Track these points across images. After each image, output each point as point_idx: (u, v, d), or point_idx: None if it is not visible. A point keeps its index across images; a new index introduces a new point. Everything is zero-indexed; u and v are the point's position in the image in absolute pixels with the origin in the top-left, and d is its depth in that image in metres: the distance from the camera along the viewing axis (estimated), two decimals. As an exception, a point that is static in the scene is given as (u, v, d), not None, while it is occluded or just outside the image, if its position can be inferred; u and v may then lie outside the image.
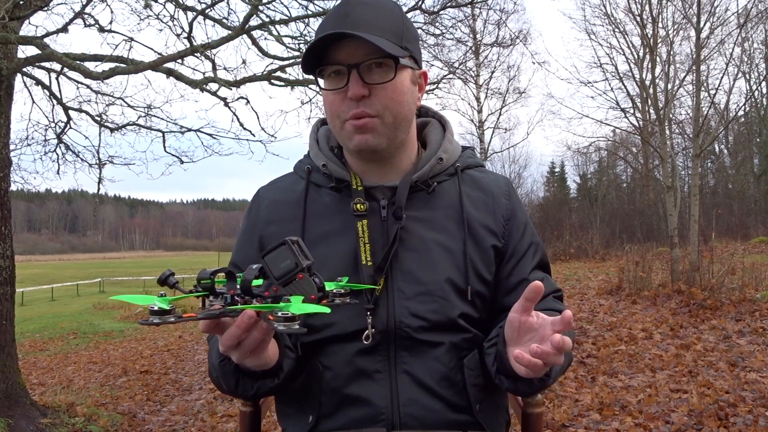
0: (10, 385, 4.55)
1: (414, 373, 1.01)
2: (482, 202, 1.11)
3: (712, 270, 7.57)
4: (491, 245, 1.09)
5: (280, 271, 0.77)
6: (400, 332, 1.01)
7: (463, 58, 10.96)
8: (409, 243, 1.04)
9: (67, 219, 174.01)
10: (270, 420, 3.99)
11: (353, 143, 1.03)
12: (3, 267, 4.63)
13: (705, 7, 8.66)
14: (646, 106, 14.07)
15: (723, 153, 24.70)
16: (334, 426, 1.02)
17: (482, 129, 16.21)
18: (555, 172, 37.06)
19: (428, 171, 1.09)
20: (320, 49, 0.99)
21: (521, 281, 1.09)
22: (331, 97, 1.02)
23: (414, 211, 1.06)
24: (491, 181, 1.15)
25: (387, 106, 1.01)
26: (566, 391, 4.52)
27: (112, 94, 6.38)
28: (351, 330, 1.02)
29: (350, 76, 0.99)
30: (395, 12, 1.04)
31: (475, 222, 1.09)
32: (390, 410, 1.00)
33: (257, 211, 1.14)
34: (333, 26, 0.98)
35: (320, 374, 1.03)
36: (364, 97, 0.99)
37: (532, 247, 1.13)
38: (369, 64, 0.99)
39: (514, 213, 1.13)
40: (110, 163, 6.63)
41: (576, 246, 16.67)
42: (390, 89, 1.01)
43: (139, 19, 5.67)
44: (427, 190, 1.09)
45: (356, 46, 0.97)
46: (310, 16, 5.52)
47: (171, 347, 9.73)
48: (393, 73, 1.00)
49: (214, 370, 1.00)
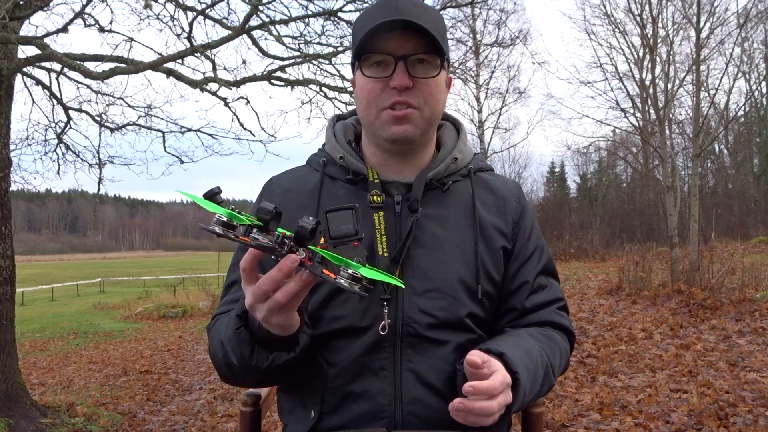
0: (11, 385, 4.55)
1: (419, 372, 1.01)
2: (493, 204, 1.13)
3: (712, 270, 7.57)
4: (501, 246, 1.10)
5: (338, 232, 0.77)
6: (408, 328, 1.02)
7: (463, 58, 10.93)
8: (421, 239, 1.05)
9: (67, 219, 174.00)
10: (270, 420, 3.99)
11: (389, 132, 1.05)
12: (3, 267, 4.63)
13: (705, 7, 8.68)
14: (646, 106, 14.07)
15: (723, 153, 24.72)
16: (336, 422, 1.01)
17: (482, 129, 16.22)
18: (555, 172, 37.10)
19: (443, 170, 1.11)
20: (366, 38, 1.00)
21: (524, 283, 1.10)
22: (371, 84, 1.04)
23: (428, 209, 1.07)
24: (502, 184, 1.17)
25: (427, 101, 1.04)
26: (566, 391, 4.52)
27: (112, 94, 6.39)
28: (363, 324, 1.01)
29: (397, 67, 1.01)
30: (438, 14, 1.09)
31: (487, 223, 1.10)
32: (392, 408, 1.00)
33: (269, 198, 1.12)
34: (386, 16, 0.99)
35: (323, 370, 1.03)
36: (408, 88, 1.02)
37: (537, 251, 1.14)
38: (415, 59, 1.02)
39: (522, 216, 1.14)
40: (110, 163, 6.64)
41: (576, 246, 16.68)
42: (432, 85, 1.04)
43: (139, 19, 5.68)
44: (442, 188, 1.10)
45: (405, 38, 1.00)
46: (310, 16, 5.52)
47: (171, 347, 9.73)
48: (438, 70, 1.04)
49: (227, 342, 0.96)
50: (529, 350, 0.99)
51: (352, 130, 1.17)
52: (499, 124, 16.95)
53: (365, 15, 1.06)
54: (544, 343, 1.05)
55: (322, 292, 1.03)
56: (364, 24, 1.01)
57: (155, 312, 15.29)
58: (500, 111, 16.61)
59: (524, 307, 1.10)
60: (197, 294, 17.65)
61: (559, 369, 1.08)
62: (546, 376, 1.02)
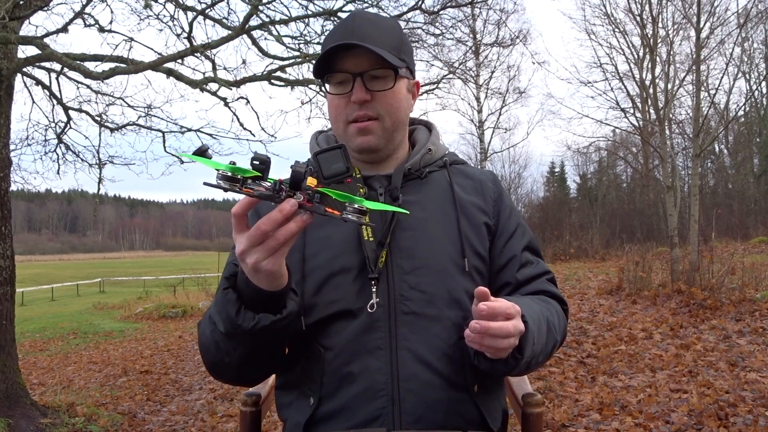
0: (10, 385, 4.55)
1: (414, 350, 1.04)
2: (471, 186, 1.20)
3: (712, 270, 7.57)
4: (483, 222, 1.16)
5: (331, 171, 0.79)
6: (401, 306, 1.06)
7: (463, 58, 10.92)
8: (405, 223, 1.11)
9: (67, 219, 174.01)
10: (270, 420, 3.99)
11: (355, 143, 1.13)
12: (3, 267, 4.63)
13: (705, 7, 8.67)
14: (646, 106, 14.06)
15: (723, 153, 24.72)
16: (335, 405, 1.05)
17: (482, 129, 16.22)
18: (555, 172, 37.09)
19: (419, 160, 1.18)
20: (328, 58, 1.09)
21: (512, 257, 1.16)
22: (337, 101, 1.13)
23: (408, 196, 1.14)
24: (478, 171, 1.26)
25: (387, 111, 1.12)
26: (566, 391, 4.52)
27: (112, 94, 6.38)
28: (356, 306, 1.05)
29: (355, 83, 1.10)
30: (395, 28, 1.16)
31: (466, 202, 1.17)
32: (390, 385, 1.03)
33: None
34: (341, 38, 1.08)
35: (321, 355, 1.06)
36: (367, 101, 1.10)
37: (519, 229, 1.20)
38: (372, 74, 1.10)
39: (501, 196, 1.22)
40: (110, 163, 6.63)
41: (576, 246, 16.67)
42: (390, 96, 1.12)
43: (139, 19, 5.68)
44: (420, 176, 1.18)
45: (361, 57, 1.08)
46: (310, 16, 5.52)
47: (171, 347, 9.73)
48: (393, 82, 1.11)
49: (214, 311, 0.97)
50: (530, 305, 1.03)
51: (333, 140, 1.24)
52: (499, 124, 16.95)
53: (328, 37, 1.14)
54: (541, 305, 1.10)
55: (315, 279, 1.08)
56: (326, 45, 1.11)
57: (155, 312, 15.29)
58: (500, 111, 16.61)
59: (517, 280, 1.15)
60: (197, 294, 17.66)
61: (558, 330, 1.10)
62: (549, 332, 1.05)
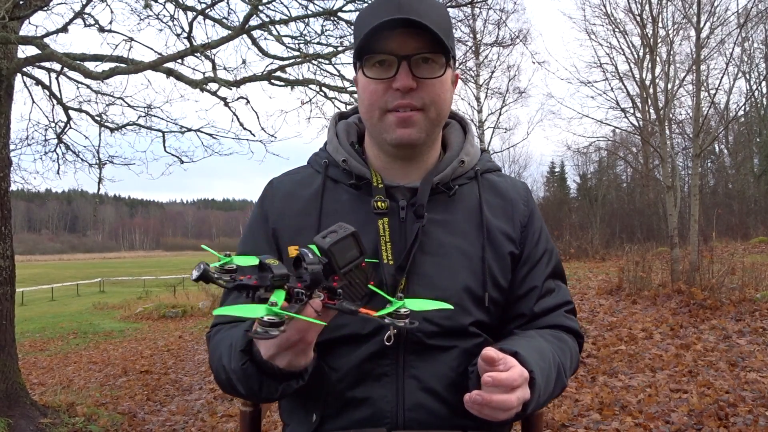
0: (10, 385, 4.55)
1: (421, 378, 1.00)
2: (501, 208, 1.09)
3: (712, 270, 7.57)
4: (508, 252, 1.07)
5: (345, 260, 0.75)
6: (412, 337, 0.99)
7: (463, 58, 10.92)
8: (427, 246, 1.02)
9: (67, 219, 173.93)
10: (270, 420, 3.99)
11: (393, 135, 1.00)
12: (3, 267, 4.63)
13: (705, 7, 8.68)
14: (646, 106, 14.07)
15: (723, 153, 24.73)
16: (338, 426, 1.01)
17: (482, 129, 16.19)
18: (555, 172, 37.09)
19: (450, 173, 1.06)
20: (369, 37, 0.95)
21: (533, 288, 1.08)
22: (374, 86, 0.99)
23: (434, 214, 1.04)
24: (510, 186, 1.13)
25: (433, 102, 0.99)
26: (566, 391, 4.52)
27: (112, 94, 6.40)
28: (365, 332, 0.99)
29: (400, 67, 0.96)
30: (443, 8, 1.02)
31: (494, 228, 1.07)
32: (395, 414, 0.98)
33: (271, 202, 1.10)
34: (388, 14, 0.93)
35: (326, 375, 1.01)
36: (412, 90, 0.97)
37: (546, 255, 1.11)
38: (419, 58, 0.97)
39: (531, 218, 1.11)
40: (110, 163, 6.64)
41: (576, 246, 16.66)
42: (437, 85, 0.99)
43: (139, 19, 5.69)
44: (448, 193, 1.06)
45: (408, 37, 0.95)
46: (310, 16, 5.52)
47: (171, 347, 9.73)
48: (443, 70, 0.99)
49: (232, 373, 0.92)
50: (541, 350, 0.97)
51: (355, 130, 1.14)
52: (499, 124, 16.91)
53: (367, 12, 1.00)
54: (555, 345, 1.03)
55: None
56: (366, 22, 0.96)
57: (155, 312, 15.30)
58: (500, 111, 16.56)
59: (533, 312, 1.08)
60: (197, 294, 17.66)
61: (570, 370, 1.06)
62: (558, 377, 1.00)
